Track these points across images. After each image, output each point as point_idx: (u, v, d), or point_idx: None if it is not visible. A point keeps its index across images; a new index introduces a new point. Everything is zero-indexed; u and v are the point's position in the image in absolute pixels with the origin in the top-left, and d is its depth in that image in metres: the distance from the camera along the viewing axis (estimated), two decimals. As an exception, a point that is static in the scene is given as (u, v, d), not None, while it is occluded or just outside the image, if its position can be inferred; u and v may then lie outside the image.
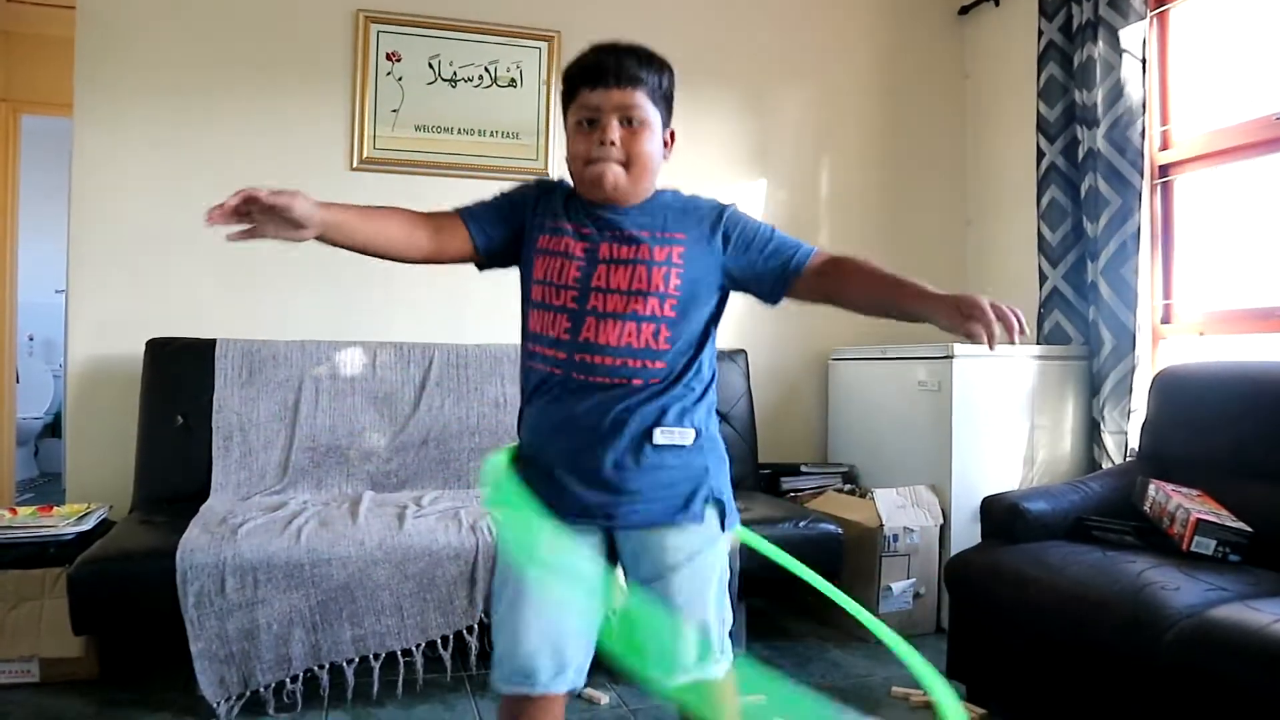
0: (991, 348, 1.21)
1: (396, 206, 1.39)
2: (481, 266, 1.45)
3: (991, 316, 1.18)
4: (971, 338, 1.20)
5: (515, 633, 1.32)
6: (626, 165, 1.34)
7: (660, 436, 1.35)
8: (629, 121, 1.34)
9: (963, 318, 1.20)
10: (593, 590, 1.36)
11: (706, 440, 1.41)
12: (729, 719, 1.44)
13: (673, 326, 1.34)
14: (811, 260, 1.38)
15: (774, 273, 1.39)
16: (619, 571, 1.43)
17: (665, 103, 1.40)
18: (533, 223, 1.40)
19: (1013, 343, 1.21)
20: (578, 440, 1.34)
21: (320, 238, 1.28)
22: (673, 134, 1.43)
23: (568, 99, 1.40)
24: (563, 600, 1.34)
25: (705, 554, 1.39)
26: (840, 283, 1.38)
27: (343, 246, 1.33)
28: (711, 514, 1.40)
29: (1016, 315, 1.19)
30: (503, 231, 1.42)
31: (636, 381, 1.33)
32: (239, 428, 2.79)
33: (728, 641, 1.45)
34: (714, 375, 1.43)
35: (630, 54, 1.36)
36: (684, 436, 1.37)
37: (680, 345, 1.36)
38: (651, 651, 1.38)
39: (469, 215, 1.41)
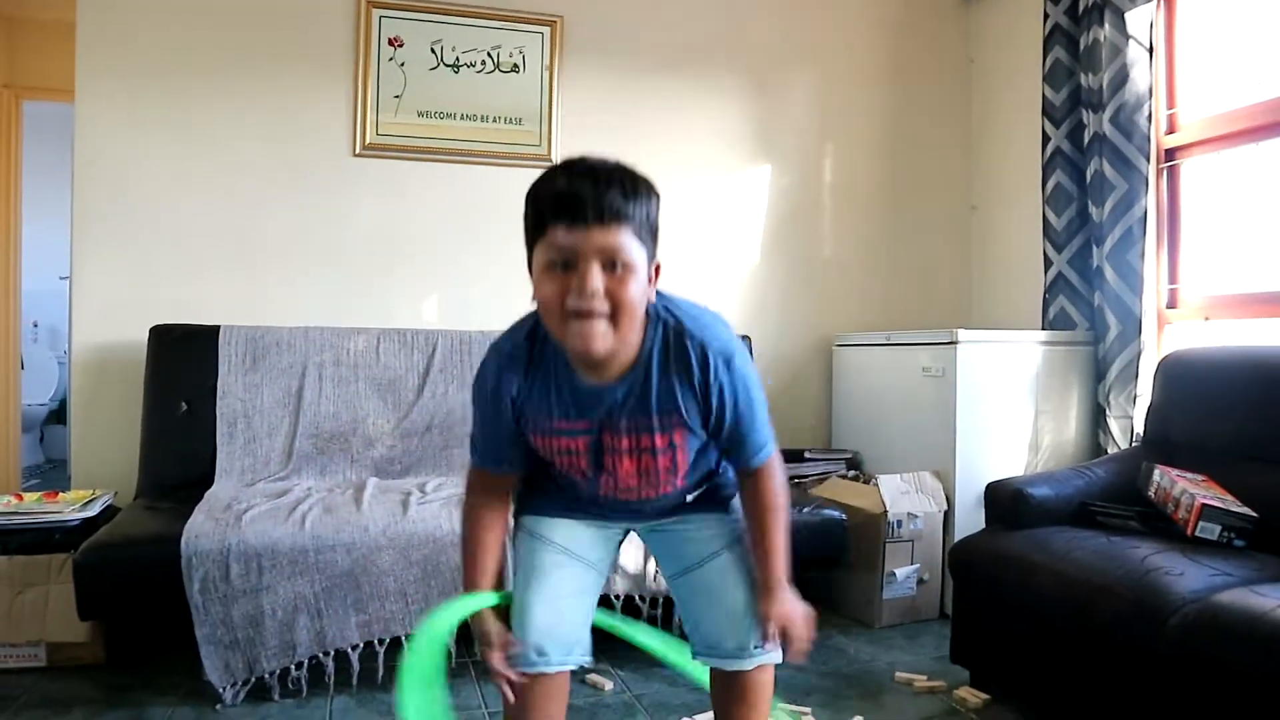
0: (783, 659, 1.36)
1: (482, 526, 1.39)
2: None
3: (794, 644, 1.33)
4: (766, 639, 1.35)
5: (527, 615, 1.34)
6: (613, 316, 1.16)
7: (691, 499, 1.44)
8: (612, 266, 1.15)
9: (773, 628, 1.33)
10: (600, 570, 1.43)
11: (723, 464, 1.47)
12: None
13: (686, 468, 1.37)
14: (745, 472, 1.38)
15: (726, 454, 1.40)
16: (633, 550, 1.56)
17: (652, 236, 1.20)
18: (519, 410, 1.31)
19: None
20: (607, 513, 1.43)
21: None
22: (658, 267, 1.24)
23: (535, 230, 1.19)
24: (574, 580, 1.38)
25: (742, 541, 1.43)
26: (745, 504, 1.41)
27: None
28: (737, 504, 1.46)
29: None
30: (516, 441, 1.36)
31: (655, 495, 1.39)
32: (243, 414, 2.79)
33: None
34: None
35: (613, 182, 1.15)
36: (709, 484, 1.46)
37: (695, 470, 1.39)
38: (699, 640, 1.42)
39: (498, 464, 1.37)
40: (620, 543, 1.49)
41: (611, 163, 1.19)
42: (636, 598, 2.43)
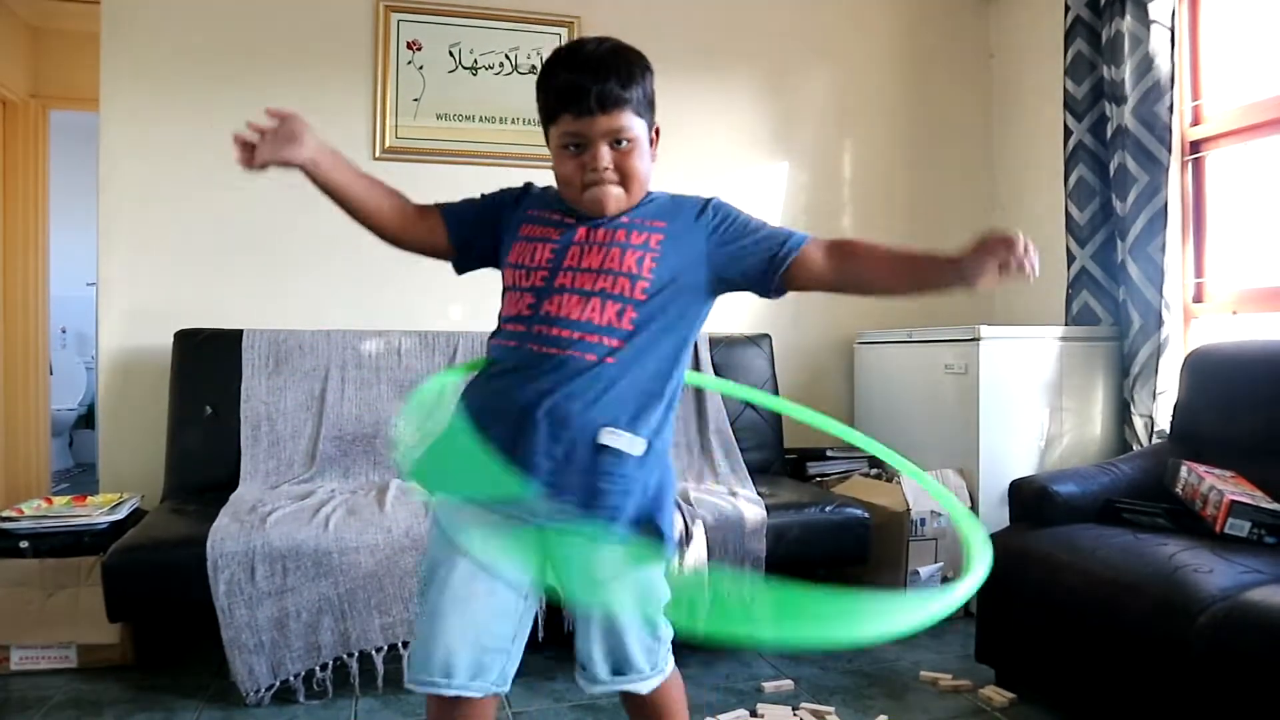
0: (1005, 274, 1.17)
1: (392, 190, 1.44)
2: (458, 267, 1.47)
3: (1018, 251, 1.15)
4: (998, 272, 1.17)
5: (433, 625, 1.25)
6: (624, 184, 1.30)
7: (606, 437, 1.25)
8: (618, 143, 1.29)
9: (992, 262, 1.16)
10: (522, 593, 1.30)
11: (654, 456, 1.30)
12: None
13: (640, 308, 1.27)
14: (807, 246, 1.33)
15: (765, 261, 1.33)
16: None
17: (650, 107, 1.34)
18: (515, 217, 1.39)
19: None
20: (518, 423, 1.25)
21: (308, 170, 1.31)
22: (658, 130, 1.38)
23: (547, 116, 1.33)
24: (489, 598, 1.27)
25: (632, 576, 1.32)
26: (853, 264, 1.32)
27: (325, 187, 1.34)
28: (641, 538, 1.30)
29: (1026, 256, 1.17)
30: (480, 231, 1.42)
31: (590, 357, 1.25)
32: (267, 417, 2.81)
33: (662, 656, 1.38)
34: (679, 388, 1.34)
35: (612, 73, 1.27)
36: (633, 445, 1.26)
37: (646, 334, 1.27)
38: (609, 662, 1.35)
39: (448, 209, 1.44)
40: (541, 567, 1.31)
41: (606, 48, 1.31)
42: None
